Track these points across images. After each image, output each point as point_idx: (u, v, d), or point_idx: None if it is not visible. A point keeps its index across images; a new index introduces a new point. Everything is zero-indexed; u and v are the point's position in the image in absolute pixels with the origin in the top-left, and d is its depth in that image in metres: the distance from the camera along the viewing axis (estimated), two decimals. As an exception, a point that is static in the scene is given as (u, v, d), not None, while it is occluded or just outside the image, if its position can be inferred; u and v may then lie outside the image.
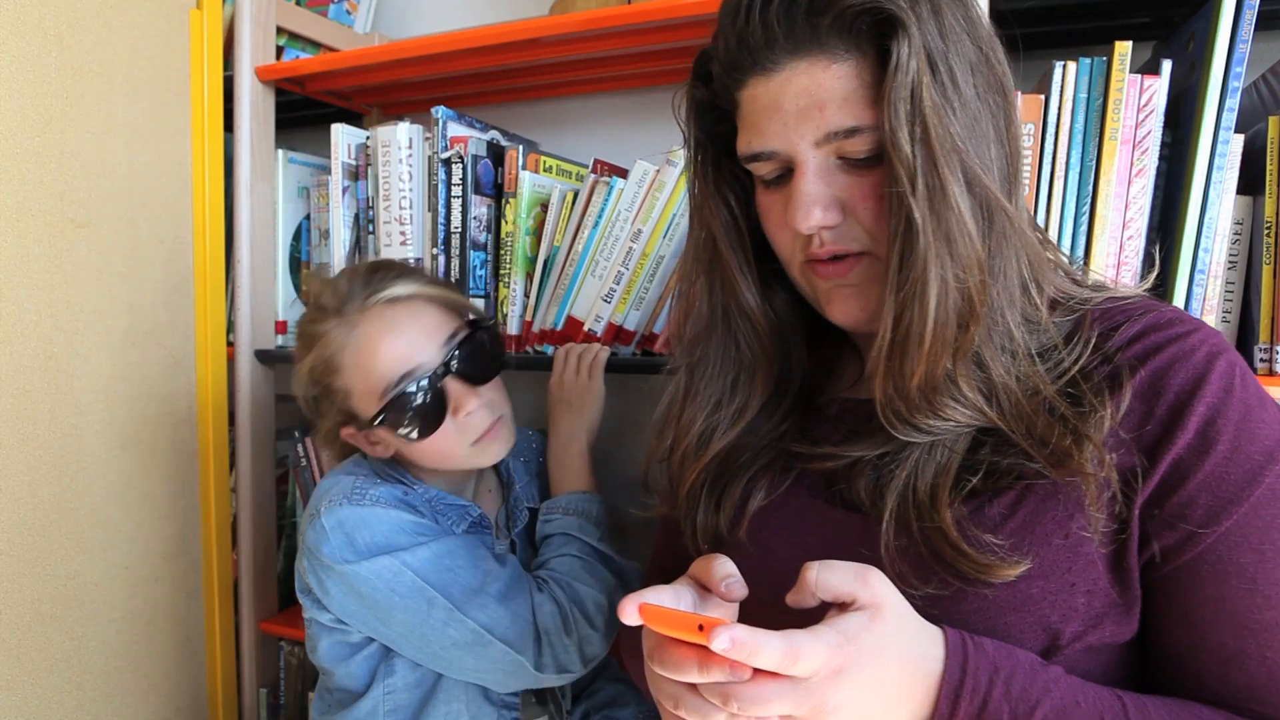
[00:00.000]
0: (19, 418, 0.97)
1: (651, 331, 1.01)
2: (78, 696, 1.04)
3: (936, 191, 0.49)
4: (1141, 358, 0.52)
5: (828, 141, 0.52)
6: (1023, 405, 0.52)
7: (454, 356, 0.82)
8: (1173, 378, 0.51)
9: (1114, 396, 0.51)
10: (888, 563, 0.53)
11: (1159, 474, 0.50)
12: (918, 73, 0.48)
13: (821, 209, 0.53)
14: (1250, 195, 0.80)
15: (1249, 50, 0.76)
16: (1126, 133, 0.80)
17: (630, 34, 1.02)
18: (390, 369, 0.79)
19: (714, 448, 0.64)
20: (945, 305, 0.50)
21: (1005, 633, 0.51)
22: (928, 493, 0.53)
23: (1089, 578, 0.51)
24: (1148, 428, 0.51)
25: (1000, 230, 0.51)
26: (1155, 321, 0.54)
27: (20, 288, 0.97)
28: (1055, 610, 0.50)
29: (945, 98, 0.49)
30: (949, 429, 0.53)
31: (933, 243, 0.49)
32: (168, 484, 1.16)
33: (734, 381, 0.65)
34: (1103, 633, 0.51)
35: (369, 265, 0.86)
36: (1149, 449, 0.51)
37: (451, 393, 0.81)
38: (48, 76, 0.99)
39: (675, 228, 0.98)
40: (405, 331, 0.80)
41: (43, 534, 1.00)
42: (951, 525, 0.51)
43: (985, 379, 0.52)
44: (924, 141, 0.48)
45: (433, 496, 0.85)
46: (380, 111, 1.40)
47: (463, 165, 1.07)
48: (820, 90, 0.51)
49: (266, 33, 1.21)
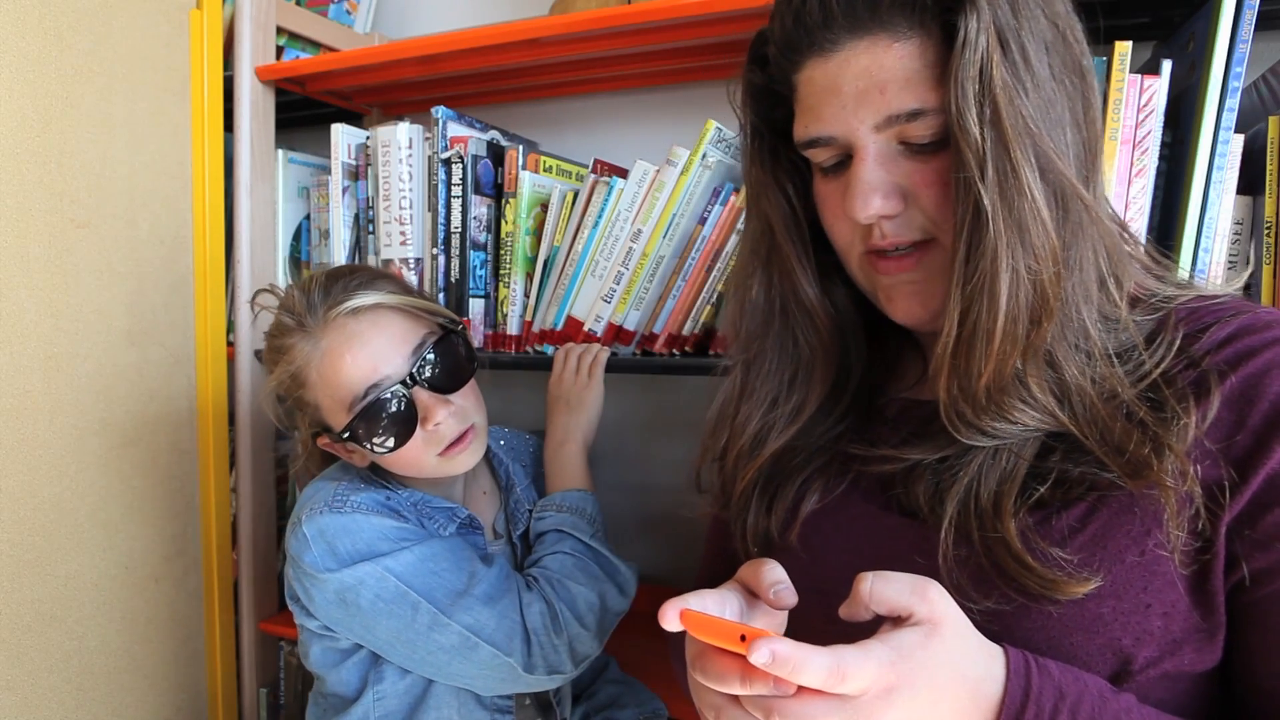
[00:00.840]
0: (19, 418, 0.97)
1: (651, 331, 1.01)
2: (78, 696, 1.04)
3: (1007, 176, 0.46)
4: (1233, 362, 0.48)
5: (889, 125, 0.50)
6: (1098, 409, 0.48)
7: (422, 365, 0.79)
8: (1269, 385, 0.47)
9: (1200, 404, 0.47)
10: (945, 574, 0.50)
11: (1251, 490, 0.46)
12: (987, 50, 0.45)
13: (881, 197, 0.51)
14: (1250, 195, 0.80)
15: (1249, 50, 0.76)
16: (1126, 133, 0.80)
17: (630, 34, 1.02)
18: (356, 382, 0.77)
19: (770, 447, 0.61)
20: (1016, 299, 0.47)
21: (1071, 654, 0.48)
22: (991, 500, 0.50)
23: (1167, 599, 0.47)
24: (1238, 438, 0.47)
25: (1076, 220, 0.48)
26: (1251, 323, 0.49)
27: (20, 288, 0.97)
28: (1127, 633, 0.47)
29: (1017, 78, 0.46)
30: (1016, 433, 0.50)
31: (1004, 231, 0.46)
32: (168, 484, 1.16)
33: (791, 378, 0.62)
34: (1180, 660, 0.47)
35: (327, 274, 0.82)
36: (1239, 462, 0.47)
37: (420, 402, 0.79)
38: (48, 76, 0.99)
39: (675, 228, 0.98)
40: (370, 343, 0.78)
41: (43, 534, 1.00)
42: (1015, 536, 0.48)
43: (1058, 380, 0.49)
44: (994, 123, 0.45)
45: (418, 500, 0.84)
46: (380, 111, 1.40)
47: (463, 165, 1.06)
48: (881, 71, 0.48)
49: (266, 33, 1.21)
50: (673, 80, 1.22)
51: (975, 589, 0.49)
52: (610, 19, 0.98)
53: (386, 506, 0.81)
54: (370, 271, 0.85)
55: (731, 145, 0.98)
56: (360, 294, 0.79)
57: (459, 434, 0.81)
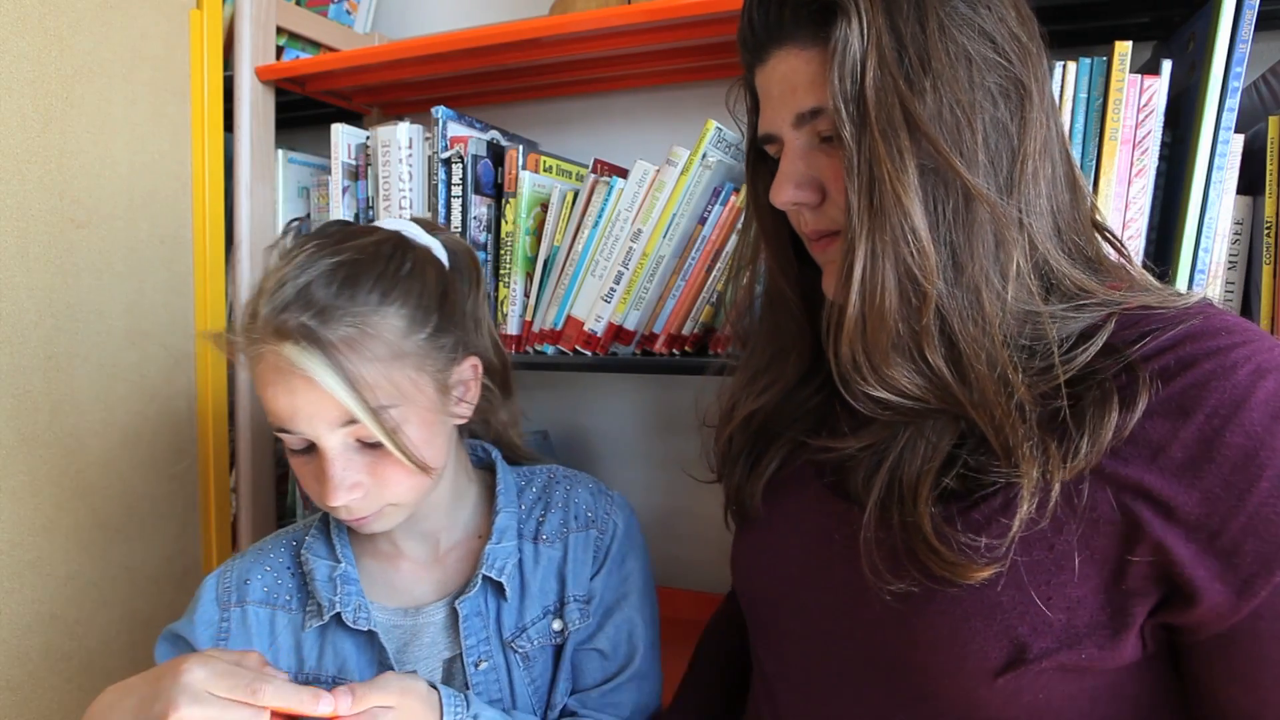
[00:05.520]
0: (19, 418, 0.97)
1: (651, 331, 1.01)
2: (78, 696, 1.04)
3: (874, 171, 0.50)
4: (1170, 372, 0.48)
5: (802, 122, 0.56)
6: (988, 393, 0.50)
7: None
8: (1206, 398, 0.46)
9: (1126, 410, 0.47)
10: (865, 555, 0.54)
11: (1186, 507, 0.45)
12: (861, 55, 0.50)
13: (795, 186, 0.57)
14: (1250, 195, 0.80)
15: (1249, 50, 0.76)
16: (1126, 133, 0.80)
17: (630, 34, 1.02)
18: (271, 416, 0.64)
19: (740, 411, 0.68)
20: (875, 284, 0.50)
21: (969, 638, 0.50)
22: (911, 486, 0.53)
23: (1071, 595, 0.48)
24: (1171, 452, 0.46)
25: (977, 218, 0.50)
26: (1195, 331, 0.49)
27: (20, 288, 0.97)
28: (1024, 622, 0.48)
29: (906, 80, 0.49)
30: (907, 406, 0.52)
31: (865, 221, 0.50)
32: (168, 484, 1.16)
33: (772, 357, 0.68)
34: (1079, 654, 0.48)
35: (276, 282, 0.63)
36: (1173, 476, 0.46)
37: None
38: (48, 76, 0.99)
39: (675, 228, 0.98)
40: (295, 394, 0.61)
41: (43, 534, 1.00)
42: (928, 520, 0.50)
43: (955, 359, 0.51)
44: (862, 122, 0.50)
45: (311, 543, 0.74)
46: (380, 111, 1.40)
47: (463, 165, 1.07)
48: (794, 75, 0.55)
49: (266, 33, 1.21)
50: (673, 80, 1.22)
51: (890, 571, 0.53)
52: (610, 19, 0.98)
53: (275, 557, 0.75)
54: (370, 274, 0.64)
55: (732, 145, 0.98)
56: (302, 348, 0.59)
57: (358, 517, 0.67)
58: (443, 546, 0.76)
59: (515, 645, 0.73)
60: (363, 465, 0.65)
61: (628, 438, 1.32)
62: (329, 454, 0.63)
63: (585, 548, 0.76)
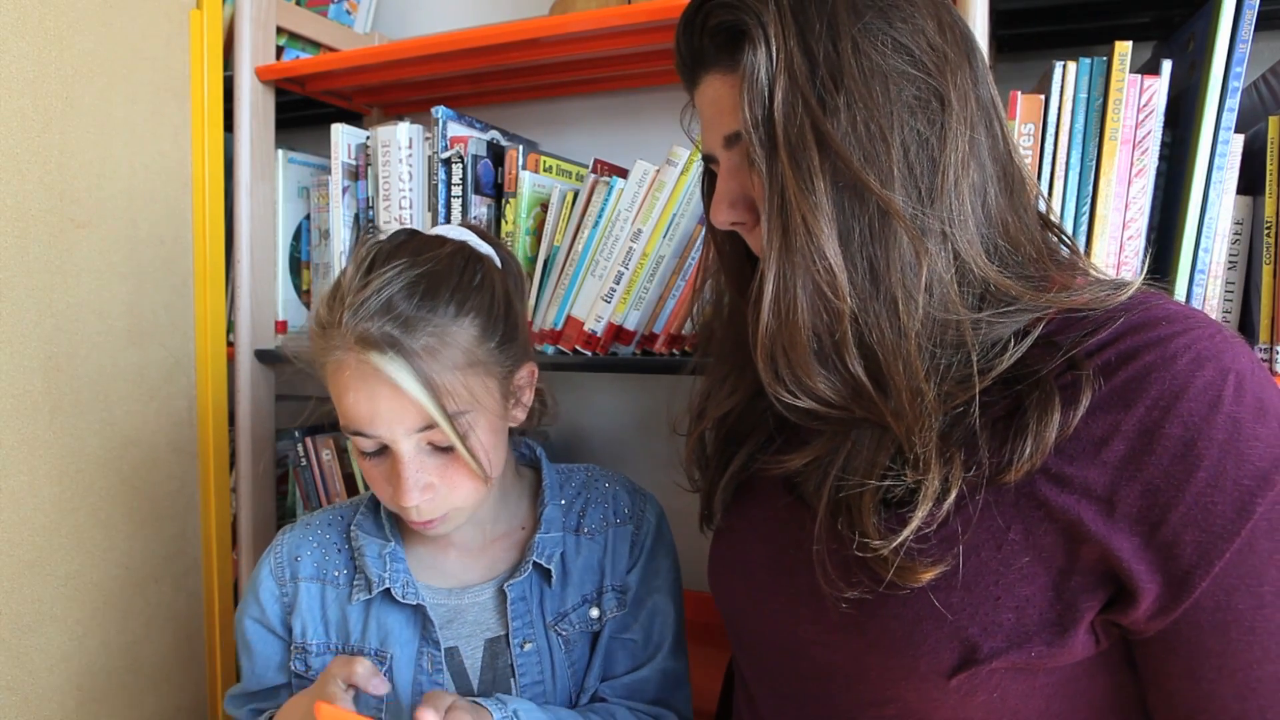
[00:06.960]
0: (19, 418, 0.97)
1: (651, 331, 1.01)
2: (78, 696, 1.04)
3: (784, 194, 0.50)
4: (1112, 366, 0.48)
5: (730, 144, 0.57)
6: (904, 403, 0.50)
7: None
8: (1147, 389, 0.46)
9: (1069, 408, 0.47)
10: (818, 565, 0.54)
11: (1127, 501, 0.45)
12: (769, 80, 0.50)
13: (729, 205, 0.58)
14: (1250, 195, 0.80)
15: (1249, 50, 0.76)
16: (1126, 133, 0.80)
17: (630, 34, 1.02)
18: (347, 417, 0.66)
19: (712, 413, 0.69)
20: (787, 303, 0.51)
21: (920, 639, 0.50)
22: (855, 495, 0.53)
23: (1020, 594, 0.48)
24: (1113, 446, 0.46)
25: (894, 232, 0.50)
26: (1136, 323, 0.49)
27: (20, 288, 0.97)
28: (975, 623, 0.49)
29: (818, 99, 0.50)
30: (829, 415, 0.53)
31: (775, 242, 0.51)
32: (168, 484, 1.16)
33: (738, 364, 0.68)
34: (1027, 653, 0.48)
35: (359, 293, 0.64)
36: (1115, 470, 0.46)
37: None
38: (48, 76, 0.99)
39: (675, 228, 0.98)
40: (375, 398, 0.64)
41: (43, 534, 1.00)
42: (872, 529, 0.51)
43: (873, 369, 0.51)
44: (772, 146, 0.51)
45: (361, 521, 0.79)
46: (380, 111, 1.40)
47: (463, 165, 1.07)
48: (720, 100, 0.56)
49: (266, 33, 1.21)
50: (673, 80, 1.21)
51: (842, 579, 0.53)
52: (610, 19, 0.98)
53: (323, 533, 0.80)
54: (448, 286, 0.67)
55: (731, 145, 0.98)
56: (388, 354, 0.62)
57: (425, 520, 0.70)
58: (489, 535, 0.80)
59: (558, 629, 0.76)
60: (433, 468, 0.68)
61: (628, 438, 1.32)
62: (404, 457, 0.66)
63: (623, 542, 0.80)
